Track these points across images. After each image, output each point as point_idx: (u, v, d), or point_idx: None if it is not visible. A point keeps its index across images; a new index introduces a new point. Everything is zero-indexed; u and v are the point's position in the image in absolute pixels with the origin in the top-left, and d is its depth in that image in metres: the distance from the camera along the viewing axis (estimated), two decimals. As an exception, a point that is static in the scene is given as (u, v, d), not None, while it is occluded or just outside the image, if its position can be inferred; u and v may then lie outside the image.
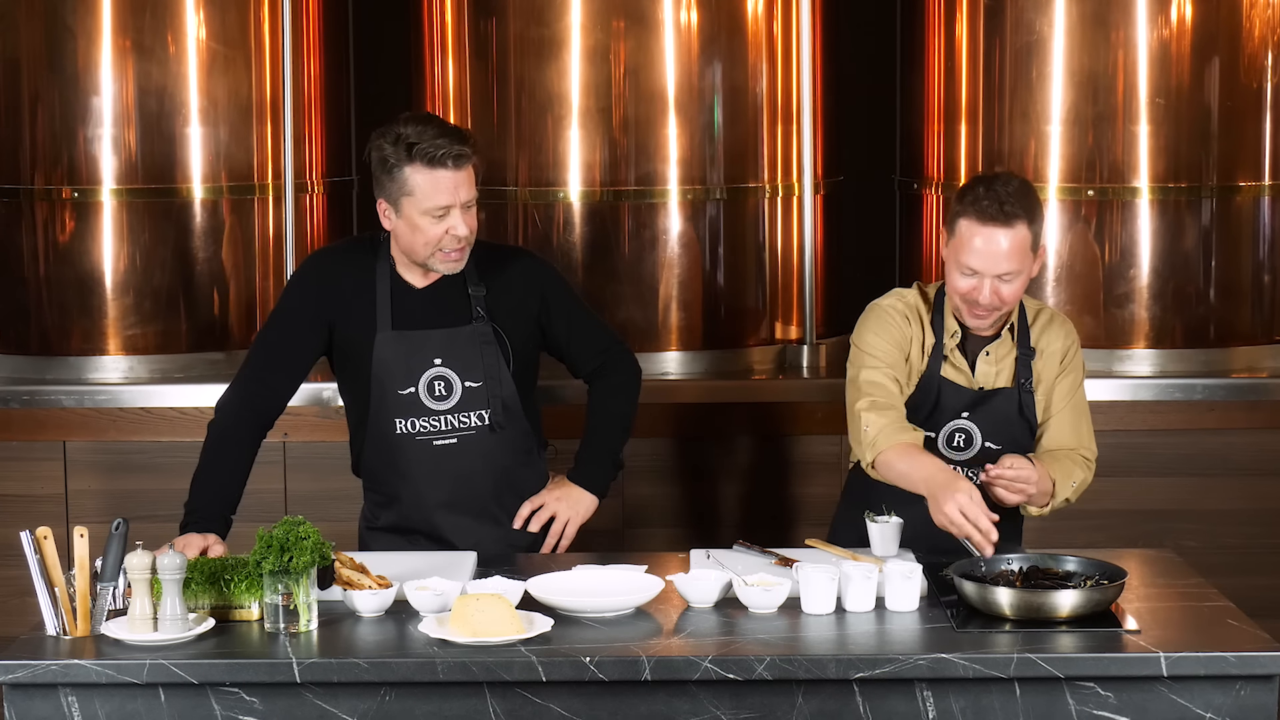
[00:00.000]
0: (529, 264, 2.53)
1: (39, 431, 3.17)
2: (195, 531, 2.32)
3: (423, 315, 2.45)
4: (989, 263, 2.36)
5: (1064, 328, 2.50)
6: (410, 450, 2.46)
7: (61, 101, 3.21)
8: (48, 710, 2.00)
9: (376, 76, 3.69)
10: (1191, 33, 3.17)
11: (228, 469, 2.41)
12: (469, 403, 2.45)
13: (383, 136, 2.39)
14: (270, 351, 2.47)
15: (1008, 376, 2.46)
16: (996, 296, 2.37)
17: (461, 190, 2.37)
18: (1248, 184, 3.24)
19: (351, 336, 2.46)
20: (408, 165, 2.36)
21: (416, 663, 2.00)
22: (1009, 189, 2.36)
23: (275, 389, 2.47)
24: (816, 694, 2.01)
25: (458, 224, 2.37)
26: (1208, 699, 2.00)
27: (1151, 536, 3.13)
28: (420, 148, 2.35)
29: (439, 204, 2.36)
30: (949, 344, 2.46)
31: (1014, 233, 2.35)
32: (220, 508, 2.38)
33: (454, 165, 2.36)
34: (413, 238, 2.39)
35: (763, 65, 3.27)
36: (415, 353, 2.43)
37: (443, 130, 2.38)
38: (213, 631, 2.10)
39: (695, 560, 2.37)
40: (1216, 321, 3.25)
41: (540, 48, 3.21)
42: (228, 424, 2.44)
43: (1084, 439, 2.48)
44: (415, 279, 2.46)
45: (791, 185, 3.34)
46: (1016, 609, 2.11)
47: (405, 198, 2.37)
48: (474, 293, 2.45)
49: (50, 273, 3.26)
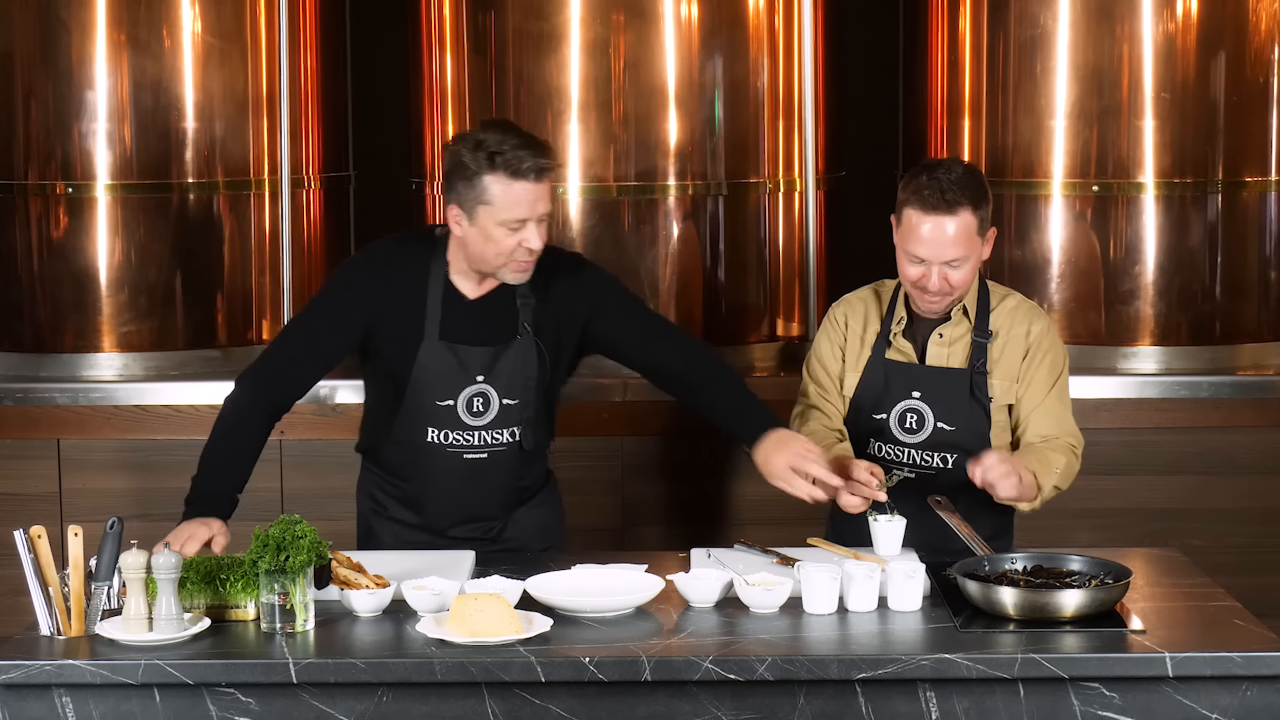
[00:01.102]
0: (585, 274, 2.46)
1: (33, 429, 3.16)
2: (198, 517, 2.29)
3: (471, 329, 2.40)
4: (935, 250, 2.38)
5: (1031, 314, 2.50)
6: (438, 459, 2.44)
7: (55, 96, 3.20)
8: (42, 711, 1.99)
9: (374, 71, 3.68)
10: (1197, 26, 3.16)
11: (237, 449, 2.38)
12: (503, 420, 2.43)
13: (461, 141, 2.34)
14: (298, 343, 2.43)
15: (961, 358, 2.47)
16: (945, 282, 2.40)
17: (540, 204, 2.33)
18: (1254, 179, 3.23)
19: (394, 338, 2.41)
20: (488, 174, 2.30)
21: (414, 663, 1.99)
22: (951, 176, 2.38)
23: (294, 381, 2.44)
24: (818, 695, 2.00)
25: (532, 237, 2.33)
26: (1214, 700, 1.99)
27: (1157, 535, 3.12)
28: (504, 158, 2.29)
29: (517, 216, 2.31)
30: (895, 329, 2.49)
31: (958, 219, 2.37)
32: (227, 487, 2.35)
33: (535, 178, 2.31)
34: (484, 247, 2.34)
35: (764, 59, 3.26)
36: (460, 368, 2.40)
37: (525, 141, 2.32)
38: (208, 631, 2.09)
39: (696, 559, 2.37)
40: (1222, 318, 3.25)
41: (539, 41, 3.20)
42: (243, 405, 2.40)
43: (1067, 426, 2.47)
44: (469, 288, 2.41)
45: (793, 180, 3.33)
46: (1020, 609, 2.10)
47: (482, 206, 2.32)
48: (522, 304, 2.41)
49: (44, 269, 3.25)
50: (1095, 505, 3.13)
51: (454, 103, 3.31)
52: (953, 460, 2.46)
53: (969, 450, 2.43)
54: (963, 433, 2.46)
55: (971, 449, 2.43)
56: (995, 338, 2.47)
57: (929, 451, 2.47)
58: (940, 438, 2.46)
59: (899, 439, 2.47)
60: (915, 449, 2.48)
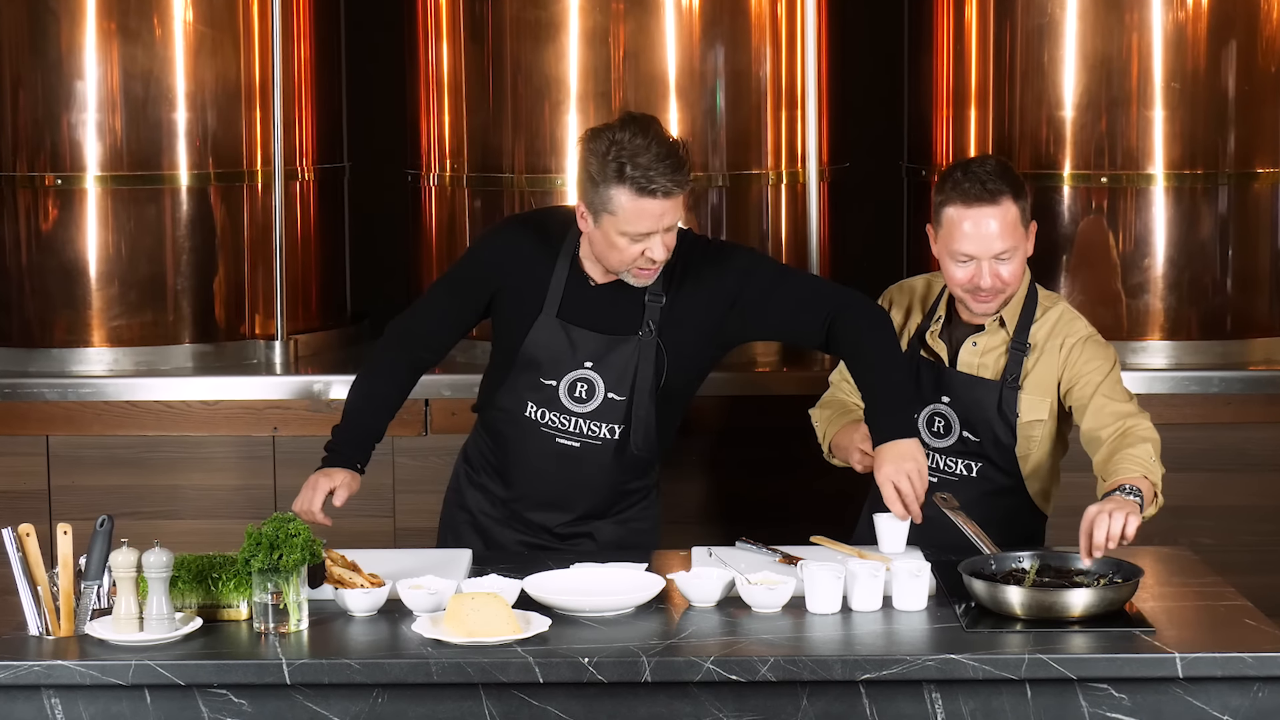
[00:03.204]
0: (725, 266, 2.36)
1: (21, 425, 3.14)
2: (335, 466, 2.39)
3: (590, 314, 2.38)
4: (982, 245, 2.34)
5: (1070, 324, 2.44)
6: (532, 437, 2.42)
7: (44, 85, 3.18)
8: (30, 713, 1.98)
9: (369, 59, 3.65)
10: (1208, 15, 3.14)
11: (373, 399, 2.44)
12: (606, 413, 2.39)
13: (595, 140, 2.29)
14: (431, 306, 2.49)
15: (993, 369, 2.42)
16: (997, 279, 2.35)
17: (667, 217, 2.28)
18: (1266, 170, 3.21)
19: (515, 308, 2.41)
20: (615, 185, 2.25)
21: (410, 664, 1.98)
22: (987, 168, 2.36)
23: (430, 343, 2.47)
24: (822, 696, 1.98)
25: (656, 247, 2.29)
26: (1224, 701, 1.97)
27: (1167, 534, 3.07)
28: (634, 172, 2.24)
29: (641, 230, 2.28)
30: (933, 327, 2.45)
31: (1002, 210, 2.34)
32: (359, 437, 2.42)
33: (664, 196, 2.26)
34: (607, 251, 2.32)
35: (766, 48, 3.24)
36: (569, 349, 2.38)
37: (660, 154, 2.24)
38: (200, 631, 2.07)
39: (697, 558, 2.35)
40: (1233, 312, 3.22)
41: (537, 30, 3.17)
42: (386, 356, 2.46)
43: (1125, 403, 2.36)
44: (596, 273, 2.38)
45: (796, 172, 3.31)
46: (1028, 608, 2.08)
47: (606, 215, 2.28)
48: (651, 302, 2.37)
49: (33, 262, 3.23)
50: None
51: (450, 92, 3.29)
52: (976, 470, 2.43)
53: (993, 462, 2.41)
54: (987, 445, 2.42)
55: (996, 462, 2.41)
56: (1033, 351, 2.41)
57: (953, 458, 2.43)
58: (966, 446, 2.43)
59: (926, 442, 2.43)
60: (940, 454, 2.45)
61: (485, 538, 2.50)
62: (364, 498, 2.53)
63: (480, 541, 2.49)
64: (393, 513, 3.15)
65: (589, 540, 2.47)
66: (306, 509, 2.37)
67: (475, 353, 3.20)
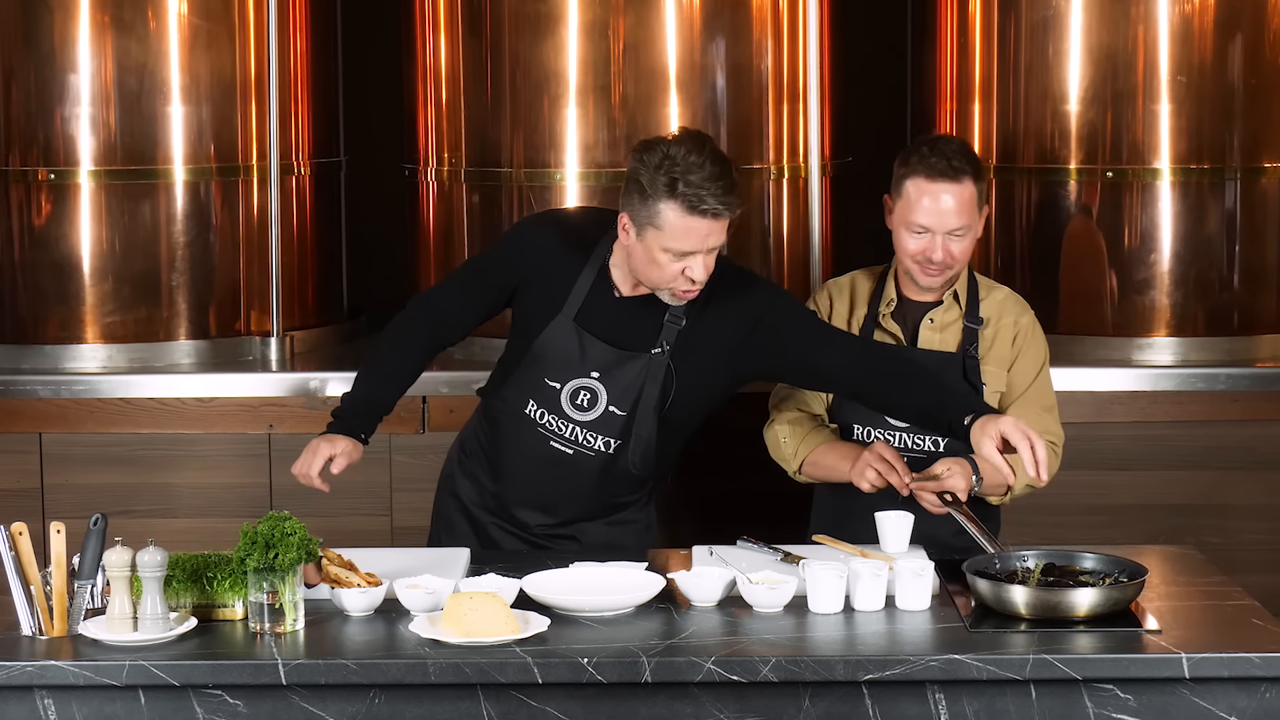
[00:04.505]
0: (747, 296, 2.34)
1: (14, 423, 3.12)
2: (338, 433, 2.34)
3: (607, 325, 2.35)
4: (940, 219, 2.41)
5: (1017, 305, 2.52)
6: (527, 432, 2.40)
7: (37, 79, 3.16)
8: (23, 713, 1.96)
9: (366, 53, 3.64)
10: (1214, 8, 3.13)
11: (388, 369, 2.41)
12: (604, 426, 2.37)
13: (648, 151, 2.26)
14: (456, 289, 2.47)
15: (953, 343, 2.48)
16: (948, 254, 2.42)
17: (712, 238, 2.25)
18: (1273, 165, 3.20)
19: (535, 304, 2.39)
20: (665, 200, 2.22)
21: (407, 664, 1.96)
22: (953, 147, 2.44)
23: (452, 323, 2.45)
24: (824, 696, 1.97)
25: (697, 268, 2.26)
26: (1231, 701, 1.96)
27: (1173, 532, 3.09)
28: (685, 189, 2.21)
29: (685, 249, 2.25)
30: (884, 310, 2.50)
31: (962, 188, 2.41)
32: (367, 406, 2.38)
33: (713, 217, 2.24)
34: (646, 267, 2.29)
35: (768, 41, 3.22)
36: (579, 355, 2.36)
37: (714, 173, 2.20)
38: (195, 631, 2.06)
39: (698, 557, 2.34)
40: (1240, 308, 3.21)
41: (536, 23, 3.16)
42: (407, 328, 2.43)
43: (1048, 424, 2.46)
44: (623, 285, 2.36)
45: (798, 166, 3.30)
46: (1032, 608, 2.07)
47: (652, 229, 2.25)
48: (670, 322, 2.35)
49: (25, 257, 3.21)
50: (1109, 501, 3.11)
51: (448, 86, 3.27)
52: (944, 444, 2.44)
53: None
54: None
55: None
56: (986, 325, 2.49)
57: (920, 435, 2.45)
58: None
59: (890, 423, 2.46)
60: (906, 433, 2.46)
61: (475, 527, 2.49)
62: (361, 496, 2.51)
63: (470, 528, 2.48)
64: (390, 511, 3.13)
65: (574, 542, 2.46)
66: (304, 472, 2.33)
67: (474, 350, 3.18)
